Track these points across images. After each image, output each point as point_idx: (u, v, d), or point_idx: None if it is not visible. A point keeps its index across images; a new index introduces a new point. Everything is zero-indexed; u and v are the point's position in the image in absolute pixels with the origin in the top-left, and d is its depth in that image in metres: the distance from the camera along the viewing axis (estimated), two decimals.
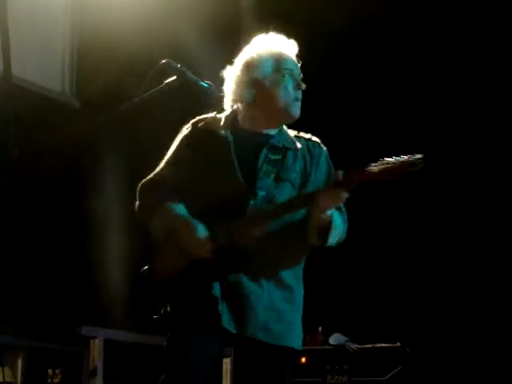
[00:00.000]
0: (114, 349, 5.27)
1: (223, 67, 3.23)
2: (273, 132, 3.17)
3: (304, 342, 3.50)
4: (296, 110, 3.14)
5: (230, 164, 3.06)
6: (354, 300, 6.13)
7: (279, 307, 3.03)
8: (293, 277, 3.09)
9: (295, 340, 3.09)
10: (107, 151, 5.92)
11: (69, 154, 5.77)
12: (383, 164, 2.76)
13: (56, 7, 6.33)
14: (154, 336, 5.11)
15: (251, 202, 3.00)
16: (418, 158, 2.71)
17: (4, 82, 5.55)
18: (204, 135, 3.16)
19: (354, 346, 5.35)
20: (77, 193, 5.94)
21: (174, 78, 3.06)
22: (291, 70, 3.14)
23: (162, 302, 3.06)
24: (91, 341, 4.99)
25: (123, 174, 5.84)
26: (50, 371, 5.73)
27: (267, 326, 3.00)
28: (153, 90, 3.04)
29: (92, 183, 5.98)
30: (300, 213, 3.01)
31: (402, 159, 2.73)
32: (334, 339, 5.38)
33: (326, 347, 5.46)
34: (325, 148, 3.22)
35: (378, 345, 5.37)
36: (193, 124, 3.22)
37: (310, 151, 3.17)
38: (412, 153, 2.73)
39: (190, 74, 3.07)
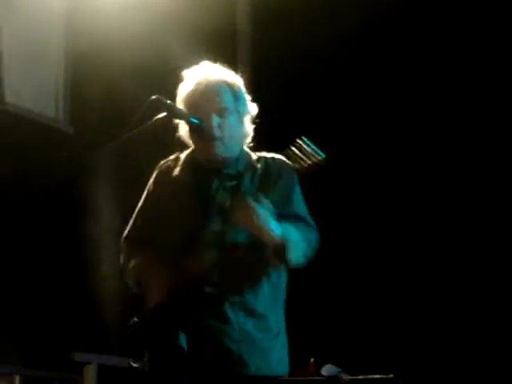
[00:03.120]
0: (109, 375, 5.22)
1: None
2: (231, 160, 3.12)
3: (296, 374, 3.46)
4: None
5: (191, 206, 3.04)
6: (348, 330, 6.09)
7: (252, 337, 2.99)
8: (265, 305, 3.03)
9: (277, 367, 3.04)
10: (101, 178, 5.91)
11: (61, 179, 5.76)
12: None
13: (50, 33, 6.33)
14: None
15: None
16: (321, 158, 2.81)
17: None
18: (166, 180, 3.16)
19: (347, 377, 5.29)
20: (70, 217, 5.92)
21: (164, 114, 3.04)
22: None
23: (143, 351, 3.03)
24: (85, 367, 4.94)
25: (117, 201, 5.82)
26: None
27: (243, 359, 2.95)
28: (142, 126, 3.03)
29: (85, 209, 5.96)
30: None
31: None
32: (326, 370, 5.32)
33: (319, 378, 5.41)
34: (290, 165, 3.04)
35: (371, 376, 5.31)
36: (157, 169, 3.23)
37: (268, 171, 3.10)
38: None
39: (179, 110, 3.05)
